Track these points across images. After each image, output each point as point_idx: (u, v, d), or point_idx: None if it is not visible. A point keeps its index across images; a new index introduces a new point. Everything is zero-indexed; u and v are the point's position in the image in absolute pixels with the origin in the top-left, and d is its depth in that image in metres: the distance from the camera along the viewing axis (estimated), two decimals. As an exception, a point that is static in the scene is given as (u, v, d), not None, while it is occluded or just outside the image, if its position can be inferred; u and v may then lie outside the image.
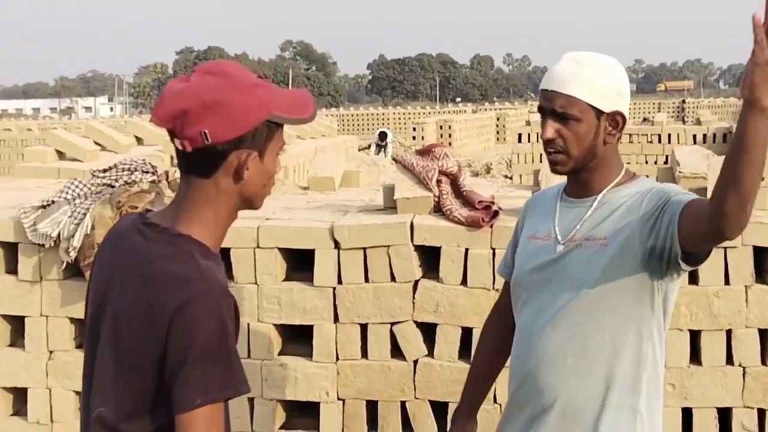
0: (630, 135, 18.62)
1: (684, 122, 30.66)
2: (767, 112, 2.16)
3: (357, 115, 55.03)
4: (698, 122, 20.34)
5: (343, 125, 50.85)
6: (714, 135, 18.64)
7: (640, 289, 2.54)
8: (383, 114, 55.50)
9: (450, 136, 31.92)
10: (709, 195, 4.35)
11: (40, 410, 4.95)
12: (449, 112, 53.29)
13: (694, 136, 18.52)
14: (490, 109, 54.47)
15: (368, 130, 45.86)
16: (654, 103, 61.33)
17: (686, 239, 2.39)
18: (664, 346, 2.66)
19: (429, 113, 52.02)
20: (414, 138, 30.71)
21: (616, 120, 2.58)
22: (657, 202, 2.48)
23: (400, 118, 50.75)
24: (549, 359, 2.61)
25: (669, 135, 18.49)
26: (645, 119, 29.33)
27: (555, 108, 2.55)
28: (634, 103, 61.35)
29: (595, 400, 2.57)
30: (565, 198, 2.72)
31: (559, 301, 2.59)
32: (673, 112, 53.78)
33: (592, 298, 2.54)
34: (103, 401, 2.12)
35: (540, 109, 2.62)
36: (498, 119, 41.25)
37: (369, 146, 27.08)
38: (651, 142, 18.46)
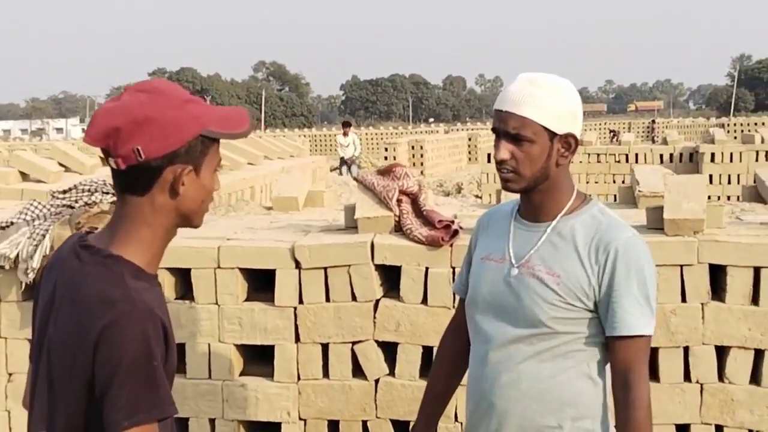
0: (598, 155, 18.79)
1: (654, 142, 30.94)
2: None
3: (329, 135, 55.03)
4: (665, 142, 20.54)
5: (316, 146, 50.85)
6: (680, 155, 18.82)
7: (592, 326, 2.58)
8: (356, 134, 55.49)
9: (422, 156, 31.96)
10: (665, 213, 4.41)
11: (-1, 433, 4.91)
12: (421, 132, 53.41)
13: (661, 156, 18.71)
14: (462, 130, 54.69)
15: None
16: (624, 123, 61.75)
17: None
18: None
19: (401, 133, 52.14)
20: (386, 158, 30.70)
21: (569, 142, 2.58)
22: (605, 279, 2.53)
23: (372, 138, 50.85)
24: (504, 383, 2.63)
25: (636, 155, 18.65)
26: (612, 132, 29.40)
27: (508, 129, 2.55)
28: (605, 123, 61.79)
29: (550, 423, 2.60)
30: (519, 219, 2.72)
31: (514, 327, 2.61)
32: (644, 132, 54.21)
33: (545, 329, 2.56)
34: (41, 427, 2.11)
35: (494, 130, 2.62)
36: (470, 139, 41.34)
37: (340, 166, 27.01)
38: (618, 161, 18.61)
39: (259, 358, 4.86)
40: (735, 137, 26.40)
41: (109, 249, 2.09)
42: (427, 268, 4.57)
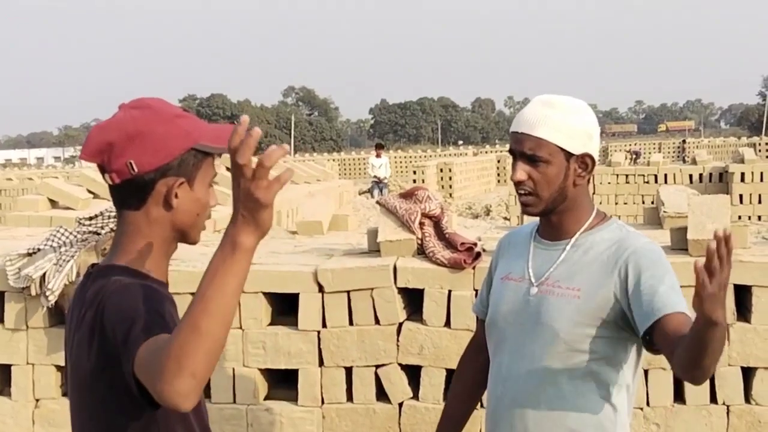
0: (626, 175, 18.69)
1: (684, 162, 30.75)
2: (719, 324, 2.19)
3: (358, 159, 55.20)
4: (694, 162, 20.42)
5: (345, 169, 51.03)
6: (710, 175, 18.69)
7: (613, 342, 2.56)
8: (385, 158, 55.61)
9: (451, 178, 31.97)
10: (688, 233, 4.38)
11: (27, 459, 4.94)
12: (450, 154, 53.46)
13: (690, 176, 18.59)
14: (491, 152, 54.64)
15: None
16: (654, 144, 61.42)
17: (657, 344, 2.43)
18: (634, 395, 2.67)
19: (430, 156, 52.17)
20: (414, 181, 30.75)
21: (586, 162, 2.58)
22: (630, 280, 2.48)
23: (401, 162, 50.92)
24: (523, 403, 2.62)
25: (665, 175, 18.54)
26: (631, 152, 29.23)
27: (524, 150, 2.57)
28: (635, 143, 61.47)
29: None
30: (538, 239, 2.72)
31: (534, 347, 2.60)
32: (674, 152, 53.89)
33: (565, 348, 2.55)
34: None
35: (511, 151, 2.64)
36: (498, 161, 41.34)
37: (370, 189, 27.06)
38: (647, 182, 18.51)
39: (283, 382, 4.88)
40: (766, 156, 26.15)
41: (111, 262, 2.15)
42: (450, 291, 4.57)
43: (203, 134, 2.14)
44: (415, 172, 30.54)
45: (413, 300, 4.72)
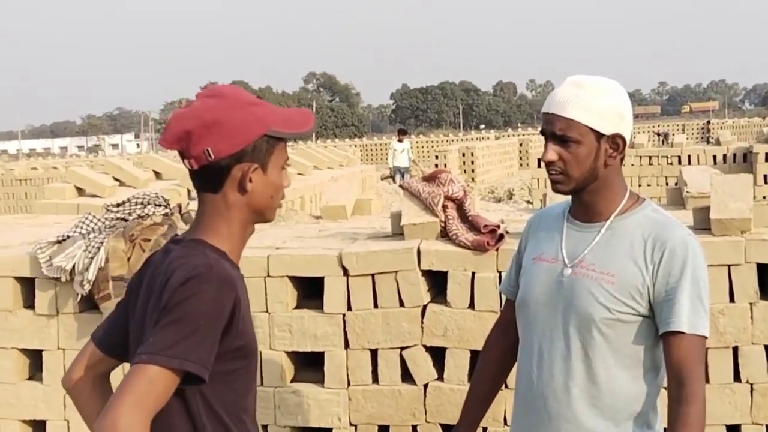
0: (650, 157, 18.63)
1: (709, 143, 30.55)
2: None
3: (380, 144, 55.23)
4: (718, 143, 20.30)
5: (367, 155, 51.07)
6: (734, 155, 18.59)
7: (643, 326, 2.57)
8: (406, 143, 55.58)
9: (473, 163, 31.96)
10: (711, 213, 4.40)
11: (59, 442, 5.03)
12: (472, 139, 53.38)
13: (714, 157, 18.50)
14: (513, 135, 54.53)
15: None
16: (678, 125, 61.04)
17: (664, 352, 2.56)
18: (663, 377, 2.67)
19: (452, 141, 52.12)
20: (437, 166, 30.78)
21: (617, 142, 2.58)
22: (660, 279, 2.52)
23: (423, 147, 50.91)
24: (556, 386, 2.63)
25: (689, 156, 18.46)
26: (658, 134, 29.01)
27: (555, 131, 2.58)
28: (659, 125, 61.11)
29: (601, 429, 2.59)
30: (571, 220, 2.71)
31: (567, 329, 2.61)
32: (698, 133, 53.55)
33: (598, 332, 2.56)
34: None
35: (542, 132, 2.65)
36: (521, 145, 41.30)
37: (392, 175, 27.06)
38: (671, 163, 18.44)
39: (309, 365, 4.94)
40: (791, 136, 25.91)
41: (199, 237, 2.27)
42: (473, 273, 4.61)
43: (276, 120, 2.26)
44: (437, 157, 30.58)
45: (437, 282, 4.77)
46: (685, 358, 2.48)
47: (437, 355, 4.72)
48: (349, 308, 4.74)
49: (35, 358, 5.12)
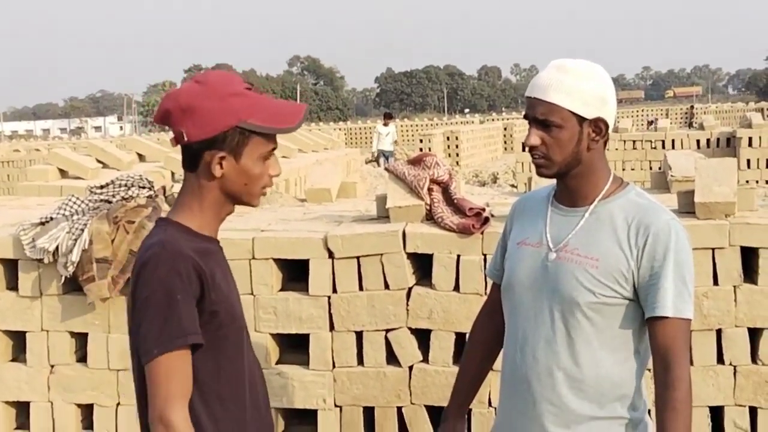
0: (634, 141, 18.67)
1: (691, 127, 30.64)
2: None
3: (364, 128, 55.12)
4: (702, 127, 20.37)
5: (351, 138, 51.00)
6: (717, 140, 18.66)
7: (628, 311, 2.58)
8: (391, 126, 55.49)
9: (457, 146, 31.94)
10: (696, 196, 4.41)
11: (43, 424, 5.02)
12: (457, 123, 53.36)
13: (698, 141, 18.56)
14: (498, 120, 54.54)
15: (376, 142, 45.89)
16: (662, 110, 61.20)
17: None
18: (647, 359, 2.68)
19: (436, 125, 52.07)
20: (421, 149, 30.75)
21: (599, 126, 2.57)
22: (644, 263, 2.53)
23: (407, 131, 50.82)
24: (540, 370, 2.63)
25: (673, 140, 18.50)
26: (650, 122, 29.16)
27: (537, 115, 2.58)
28: (642, 110, 61.28)
29: (586, 412, 2.60)
30: (555, 204, 2.72)
31: (552, 313, 2.61)
32: (682, 118, 53.72)
33: (582, 316, 2.56)
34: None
35: (525, 116, 2.65)
36: (505, 129, 41.28)
37: (376, 158, 27.00)
38: (655, 148, 18.48)
39: (294, 347, 4.94)
40: (774, 121, 26.00)
41: (168, 217, 2.45)
42: (458, 256, 4.61)
43: (255, 114, 2.35)
44: (421, 141, 30.54)
45: (422, 265, 4.77)
46: (671, 343, 2.50)
47: (422, 337, 4.73)
48: (335, 290, 4.74)
49: (18, 339, 5.10)
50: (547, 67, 2.63)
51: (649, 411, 2.75)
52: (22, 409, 5.12)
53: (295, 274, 4.93)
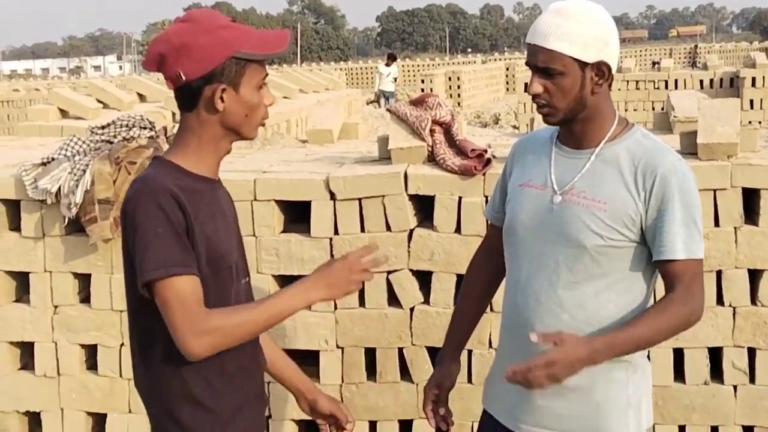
0: (637, 81, 18.57)
1: (695, 67, 30.39)
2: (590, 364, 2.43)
3: (366, 68, 54.77)
4: (705, 67, 20.23)
5: (352, 79, 50.66)
6: (721, 80, 18.55)
7: (635, 255, 2.58)
8: (392, 66, 55.13)
9: (459, 87, 31.76)
10: (698, 137, 4.40)
11: (47, 363, 5.06)
12: (459, 63, 52.97)
13: (701, 81, 18.44)
14: (500, 59, 54.13)
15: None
16: (665, 49, 60.72)
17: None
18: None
19: (438, 65, 51.72)
20: (423, 90, 30.54)
21: (602, 70, 2.55)
22: (652, 204, 2.53)
23: (409, 71, 50.50)
24: (545, 313, 2.63)
25: (676, 80, 18.39)
26: (654, 63, 28.97)
27: (538, 63, 2.56)
28: (645, 50, 60.78)
29: None
30: (559, 146, 2.70)
31: (557, 256, 2.61)
32: (685, 57, 53.32)
33: (589, 258, 2.56)
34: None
35: (527, 63, 2.63)
36: (507, 69, 40.97)
37: (378, 99, 26.85)
38: (658, 88, 18.38)
39: (296, 288, 4.95)
40: (778, 61, 25.82)
41: (163, 156, 2.50)
42: (460, 198, 4.61)
43: (246, 42, 2.40)
44: (423, 81, 30.36)
45: (424, 207, 4.77)
46: (687, 281, 2.50)
47: (423, 279, 4.75)
48: (336, 232, 4.75)
49: (22, 280, 5.13)
50: (546, 11, 2.60)
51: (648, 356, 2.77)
52: (26, 348, 5.16)
53: (296, 215, 4.93)
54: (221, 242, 2.50)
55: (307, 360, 4.94)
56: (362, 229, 4.72)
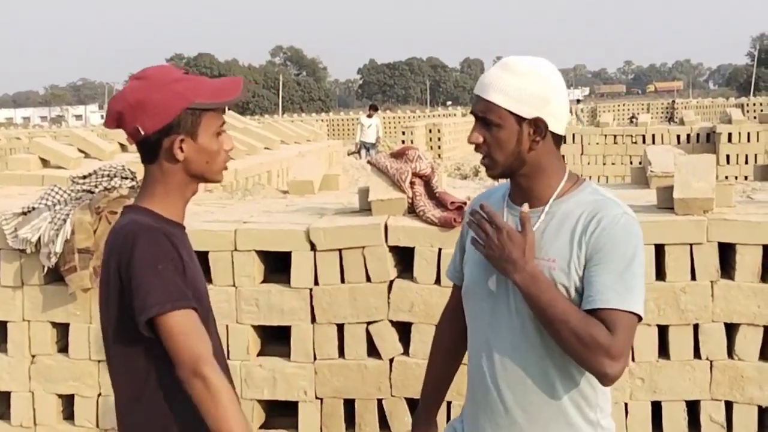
0: (615, 136, 18.77)
1: (672, 122, 30.72)
2: (517, 284, 2.46)
3: (347, 119, 55.02)
4: (682, 122, 20.47)
5: (334, 130, 50.85)
6: (698, 135, 18.77)
7: None
8: (373, 118, 55.37)
9: (440, 139, 31.92)
10: (674, 192, 4.46)
11: (24, 414, 5.03)
12: (439, 115, 53.31)
13: (678, 137, 18.65)
14: (480, 112, 54.35)
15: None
16: (643, 104, 61.35)
17: None
18: None
19: (419, 117, 52.00)
20: (403, 142, 30.63)
21: (539, 126, 2.49)
22: (590, 254, 2.44)
23: (390, 123, 50.76)
24: (509, 377, 2.57)
25: (653, 135, 18.60)
26: (632, 117, 29.22)
27: (477, 113, 2.55)
28: (623, 104, 61.44)
29: (556, 416, 2.56)
30: (510, 205, 2.64)
31: (515, 319, 2.55)
32: (662, 112, 53.92)
33: None
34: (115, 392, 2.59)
35: (471, 112, 2.61)
36: (487, 122, 41.24)
37: (358, 150, 26.91)
38: (635, 142, 18.56)
39: (276, 339, 4.96)
40: (755, 117, 26.19)
41: (133, 204, 2.58)
42: (440, 249, 4.64)
43: (199, 93, 2.48)
44: (404, 133, 30.49)
45: (404, 258, 4.79)
46: (611, 327, 2.38)
47: (403, 330, 4.76)
48: (316, 283, 4.76)
49: None
50: (495, 64, 2.59)
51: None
52: (3, 398, 5.12)
53: (277, 266, 4.94)
54: (199, 283, 2.57)
55: (286, 411, 4.94)
56: (342, 280, 4.74)
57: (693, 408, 4.61)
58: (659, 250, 4.50)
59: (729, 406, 4.54)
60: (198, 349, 2.33)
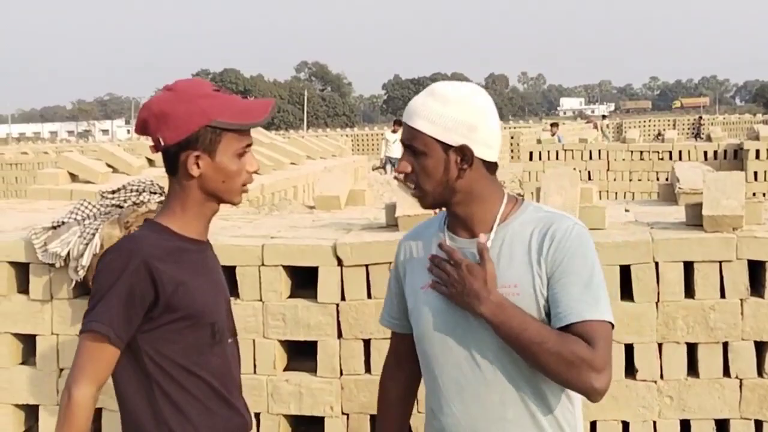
0: (641, 152, 18.66)
1: (698, 138, 30.53)
2: (486, 318, 2.37)
3: (371, 135, 55.11)
4: (709, 139, 20.33)
5: (358, 145, 50.94)
6: (725, 152, 18.64)
7: None
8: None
9: (464, 155, 31.92)
10: (704, 209, 4.44)
11: (52, 427, 5.01)
12: (463, 131, 53.20)
13: (705, 153, 18.51)
14: (505, 128, 54.49)
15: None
16: (669, 120, 61.10)
17: None
18: None
19: (443, 133, 52.00)
20: (428, 157, 30.62)
21: (466, 154, 2.42)
22: (550, 272, 2.39)
23: (414, 138, 50.70)
24: (489, 416, 2.46)
25: (680, 152, 18.49)
26: (658, 134, 29.09)
27: (404, 140, 2.49)
28: (649, 120, 61.22)
29: None
30: (452, 237, 2.52)
31: (483, 355, 2.44)
32: (689, 129, 53.66)
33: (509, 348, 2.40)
34: None
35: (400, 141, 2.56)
36: (512, 138, 41.23)
37: (383, 165, 26.92)
38: (662, 159, 18.45)
39: (302, 354, 4.96)
40: (781, 133, 25.94)
41: (154, 219, 2.62)
42: (466, 265, 4.62)
43: (223, 112, 2.50)
44: (428, 149, 30.44)
45: (431, 273, 4.78)
46: (589, 338, 2.32)
47: (430, 346, 4.74)
48: (343, 298, 4.77)
49: (29, 342, 5.14)
50: (423, 91, 2.52)
51: None
52: (32, 412, 5.15)
53: (303, 281, 4.95)
54: (204, 299, 2.57)
55: (312, 426, 4.93)
56: (369, 296, 4.74)
57: (722, 427, 4.57)
58: (688, 267, 4.48)
59: (759, 425, 4.50)
60: (84, 371, 2.43)
